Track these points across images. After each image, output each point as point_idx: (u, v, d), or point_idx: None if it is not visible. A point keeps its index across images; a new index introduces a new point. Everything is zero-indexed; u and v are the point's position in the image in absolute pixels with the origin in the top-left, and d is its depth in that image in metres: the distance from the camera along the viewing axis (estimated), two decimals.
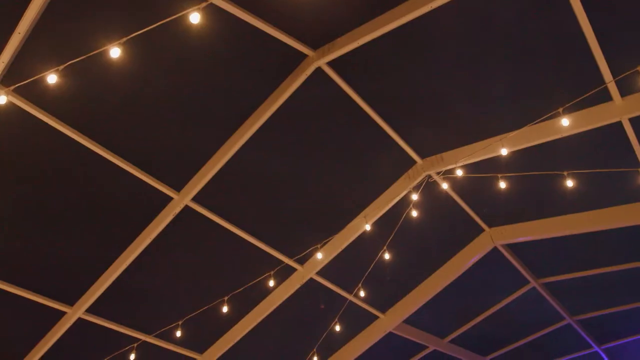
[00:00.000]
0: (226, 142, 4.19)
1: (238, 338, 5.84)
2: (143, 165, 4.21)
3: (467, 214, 5.40)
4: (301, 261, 5.28)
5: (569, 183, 4.49)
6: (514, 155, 4.44)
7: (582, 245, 6.00)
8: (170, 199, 4.47)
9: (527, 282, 6.60)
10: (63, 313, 5.17)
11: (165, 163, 4.35)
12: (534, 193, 5.20)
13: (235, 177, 4.57)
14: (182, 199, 4.42)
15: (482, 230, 5.69)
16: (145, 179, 4.26)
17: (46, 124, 3.69)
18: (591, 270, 6.36)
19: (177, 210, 4.47)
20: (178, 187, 4.44)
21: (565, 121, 3.85)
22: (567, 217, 5.35)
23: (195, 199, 4.49)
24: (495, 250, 5.83)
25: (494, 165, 4.66)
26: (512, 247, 6.03)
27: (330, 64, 3.77)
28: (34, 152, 4.02)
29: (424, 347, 7.42)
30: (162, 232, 4.63)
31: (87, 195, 4.47)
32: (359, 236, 5.06)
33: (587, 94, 3.85)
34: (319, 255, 4.97)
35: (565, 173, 4.49)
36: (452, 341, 7.51)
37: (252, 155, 4.38)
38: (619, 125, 4.15)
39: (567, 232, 5.42)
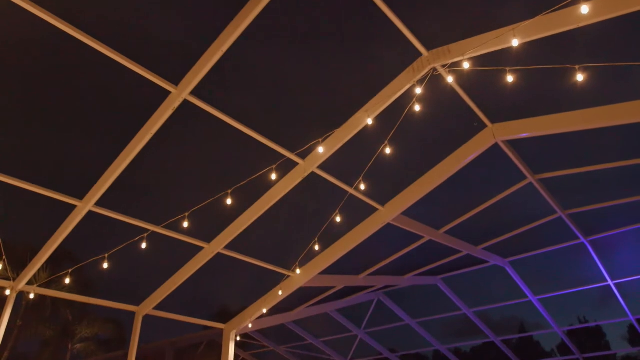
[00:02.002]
0: (223, 32, 4.00)
1: (243, 228, 6.15)
2: (141, 60, 4.10)
3: (471, 110, 5.32)
4: (303, 155, 5.34)
5: (579, 77, 4.34)
6: (524, 47, 4.24)
7: (581, 142, 6.01)
8: (168, 93, 4.39)
9: (524, 177, 6.73)
10: (73, 206, 5.39)
11: (163, 57, 4.21)
12: (541, 88, 5.07)
13: (235, 71, 4.44)
14: (180, 93, 4.35)
15: (485, 126, 5.66)
16: (144, 73, 4.16)
17: (45, 21, 3.60)
18: (586, 167, 6.45)
19: (176, 104, 4.42)
20: (176, 81, 4.34)
21: (585, 8, 3.60)
22: (572, 113, 5.27)
23: (194, 93, 4.41)
24: (495, 146, 5.85)
25: (502, 58, 4.48)
26: (512, 143, 6.05)
27: None
28: (36, 51, 3.97)
29: (420, 238, 7.83)
30: (163, 127, 4.63)
31: (88, 92, 4.46)
32: (361, 130, 5.05)
33: None
34: (320, 150, 5.00)
35: (576, 67, 4.32)
36: (447, 232, 7.90)
37: (251, 48, 4.20)
38: None
39: (571, 129, 5.37)
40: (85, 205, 5.29)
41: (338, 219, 5.69)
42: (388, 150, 5.08)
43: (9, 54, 3.97)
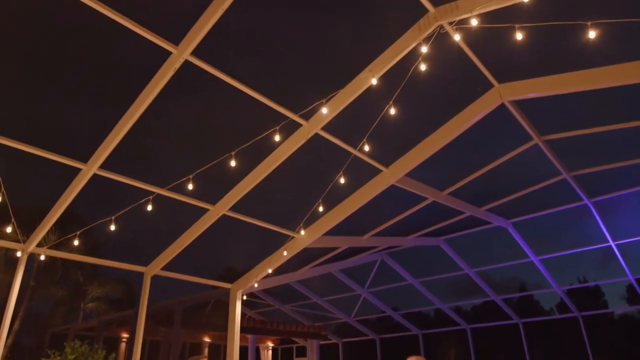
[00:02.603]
0: None
1: (247, 190, 6.18)
2: (140, 19, 4.01)
3: (477, 69, 5.21)
4: (306, 116, 5.29)
5: (591, 35, 4.21)
6: (534, 3, 4.10)
7: (589, 103, 5.90)
8: (169, 53, 4.31)
9: (530, 138, 6.67)
10: (78, 170, 5.42)
11: (162, 16, 4.11)
12: (551, 46, 4.94)
13: (236, 31, 4.33)
14: (181, 54, 4.26)
15: (491, 85, 5.56)
16: (143, 33, 4.07)
17: None
18: (593, 128, 6.37)
19: (177, 65, 4.34)
20: (176, 40, 4.25)
21: None
22: (581, 72, 5.15)
23: (195, 53, 4.33)
24: (501, 106, 5.77)
25: (512, 14, 4.33)
26: (519, 104, 5.96)
27: None
28: (35, 14, 3.91)
29: (424, 199, 7.87)
30: (165, 88, 4.58)
31: (89, 54, 4.40)
32: (365, 91, 4.97)
33: None
34: (324, 111, 4.95)
35: (588, 23, 4.18)
36: (451, 193, 7.92)
37: (252, 7, 4.09)
38: None
39: (581, 89, 5.25)
40: (90, 169, 5.31)
41: (342, 181, 5.70)
42: (392, 111, 5.02)
43: (10, 20, 3.89)
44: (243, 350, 14.34)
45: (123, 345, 15.17)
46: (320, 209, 6.16)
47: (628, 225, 10.19)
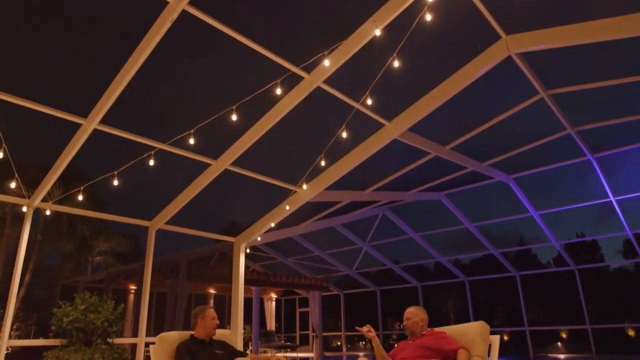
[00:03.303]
0: None
1: (249, 145, 6.16)
2: None
3: (485, 19, 5.04)
4: (308, 69, 5.18)
5: None
6: None
7: (599, 55, 5.75)
8: (165, 3, 4.16)
9: (536, 92, 6.56)
10: (79, 125, 5.38)
11: None
12: None
13: None
14: (178, 3, 4.12)
15: (499, 37, 5.40)
16: None
17: None
18: (602, 82, 6.24)
19: (175, 15, 4.20)
20: None
21: None
22: (594, 23, 4.96)
23: (192, 3, 4.18)
24: (507, 59, 5.63)
25: None
26: (525, 56, 5.81)
27: None
28: None
29: (426, 154, 7.85)
30: (163, 40, 4.45)
31: (86, 8, 4.24)
32: (368, 43, 4.83)
33: None
34: (326, 63, 4.83)
35: None
36: (453, 148, 7.89)
37: None
38: None
39: (593, 40, 5.06)
40: (90, 124, 5.27)
41: (344, 135, 5.65)
42: (396, 64, 4.90)
43: None
44: (247, 301, 14.80)
45: (131, 296, 15.67)
46: (322, 163, 6.15)
47: (629, 181, 10.21)
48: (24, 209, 6.32)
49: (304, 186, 7.08)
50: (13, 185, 5.61)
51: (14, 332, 14.95)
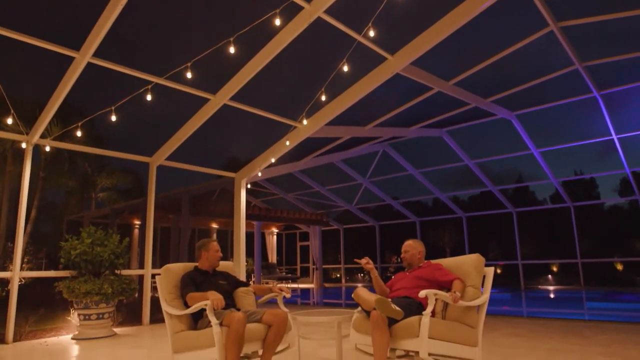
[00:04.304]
0: None
1: (248, 79, 6.01)
2: None
3: None
4: None
5: None
6: None
7: None
8: None
9: (546, 24, 6.30)
10: (72, 58, 5.22)
11: None
12: None
13: None
14: None
15: None
16: None
17: None
18: (615, 14, 5.97)
19: None
20: None
21: None
22: None
23: None
24: None
25: None
26: None
27: None
28: None
29: (429, 89, 7.69)
30: None
31: None
32: None
33: None
34: None
35: None
36: (456, 84, 7.72)
37: None
38: None
39: None
40: (83, 57, 5.11)
41: (345, 69, 5.49)
42: None
43: None
44: (249, 236, 15.22)
45: (136, 231, 16.06)
46: (323, 98, 6.03)
47: (633, 119, 10.11)
48: (23, 145, 6.30)
49: (304, 121, 7.00)
50: (10, 121, 5.55)
51: (26, 265, 15.50)
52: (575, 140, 11.27)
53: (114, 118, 5.63)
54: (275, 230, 19.20)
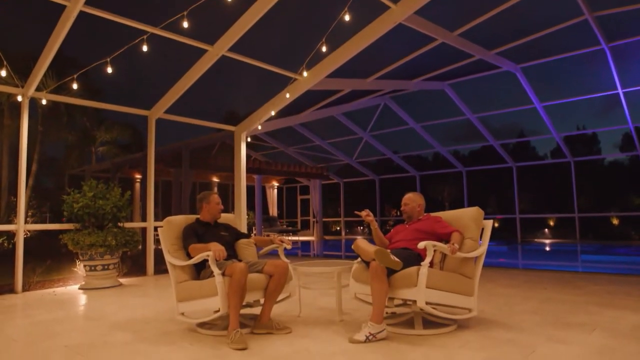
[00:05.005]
0: None
1: (246, 29, 5.83)
2: None
3: None
4: None
5: None
6: None
7: None
8: None
9: None
10: (63, 7, 5.05)
11: None
12: None
13: None
14: None
15: None
16: None
17: None
18: None
19: None
20: None
21: None
22: None
23: None
24: None
25: None
26: None
27: None
28: None
29: (432, 40, 7.48)
30: None
31: None
32: None
33: None
34: None
35: None
36: (461, 35, 7.50)
37: None
38: None
39: None
40: (75, 5, 4.93)
41: (347, 18, 5.30)
42: None
43: None
44: (250, 189, 15.32)
45: (137, 185, 16.15)
46: (324, 49, 5.86)
47: None
48: (19, 98, 6.21)
49: (305, 73, 6.85)
50: (3, 73, 5.43)
51: (30, 218, 15.71)
52: (580, 94, 11.10)
53: (110, 70, 5.50)
54: (275, 183, 19.31)
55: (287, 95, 7.43)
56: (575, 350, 2.91)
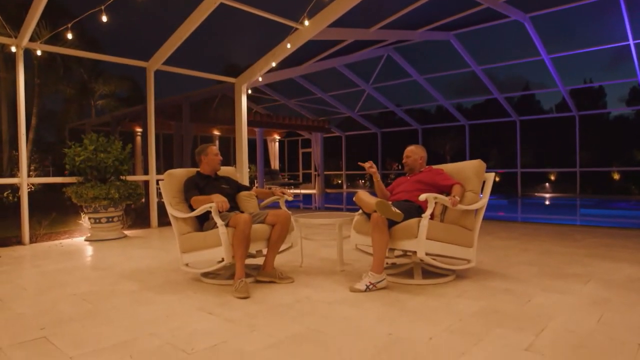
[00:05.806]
0: None
1: None
2: None
3: None
4: None
5: None
6: None
7: None
8: None
9: None
10: None
11: None
12: None
13: None
14: None
15: None
16: None
17: None
18: None
19: None
20: None
21: None
22: None
23: None
24: None
25: None
26: None
27: None
28: None
29: None
30: None
31: None
32: None
33: None
34: None
35: None
36: None
37: None
38: None
39: None
40: None
41: None
42: None
43: None
44: (251, 142, 15.28)
45: (138, 138, 16.08)
46: (306, 23, 5.63)
47: None
48: (13, 49, 6.06)
49: (306, 22, 6.63)
50: None
51: (33, 172, 15.78)
52: (589, 45, 10.77)
53: (104, 19, 5.33)
54: (277, 137, 19.21)
55: (289, 46, 7.23)
56: (570, 300, 2.98)
